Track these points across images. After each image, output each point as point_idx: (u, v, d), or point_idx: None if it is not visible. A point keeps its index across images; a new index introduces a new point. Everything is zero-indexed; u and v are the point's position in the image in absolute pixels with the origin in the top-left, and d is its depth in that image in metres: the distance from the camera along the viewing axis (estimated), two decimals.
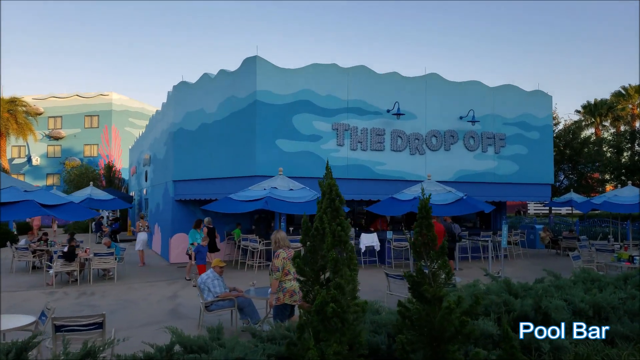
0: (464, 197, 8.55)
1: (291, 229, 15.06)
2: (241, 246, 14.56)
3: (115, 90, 44.97)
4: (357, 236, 14.95)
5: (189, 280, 11.87)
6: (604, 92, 71.12)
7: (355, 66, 14.32)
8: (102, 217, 24.85)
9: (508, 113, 16.56)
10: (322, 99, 13.78)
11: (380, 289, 9.70)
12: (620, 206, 11.00)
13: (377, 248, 14.92)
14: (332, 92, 13.93)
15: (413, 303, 3.39)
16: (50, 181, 43.70)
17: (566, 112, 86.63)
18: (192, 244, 12.18)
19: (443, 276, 3.36)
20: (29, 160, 45.18)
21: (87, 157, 43.62)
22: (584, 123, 42.41)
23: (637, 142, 28.48)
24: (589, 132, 39.97)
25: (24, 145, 44.57)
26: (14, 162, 45.52)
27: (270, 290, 6.33)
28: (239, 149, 13.52)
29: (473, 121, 15.38)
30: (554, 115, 32.81)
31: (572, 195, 17.33)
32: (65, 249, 12.11)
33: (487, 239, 14.12)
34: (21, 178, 45.02)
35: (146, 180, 22.02)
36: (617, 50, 79.19)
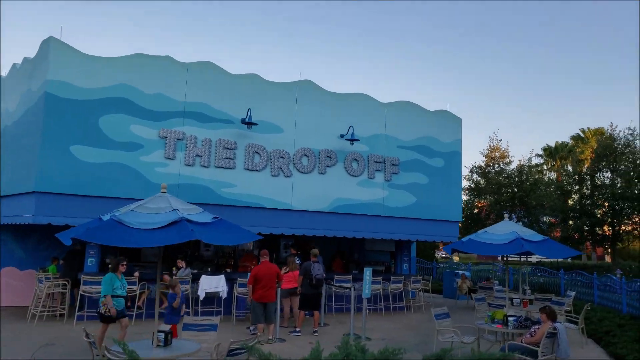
0: (193, 223, 5.41)
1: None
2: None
3: None
4: (197, 279, 11.66)
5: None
6: (564, 136, 69.82)
7: (198, 62, 11.50)
8: None
9: (404, 134, 13.78)
10: (148, 98, 10.83)
11: None
12: (484, 246, 7.97)
13: (224, 295, 11.57)
14: (164, 91, 11.01)
15: None
16: None
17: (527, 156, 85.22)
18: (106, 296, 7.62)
19: None
20: None
21: None
22: (544, 167, 40.44)
23: (585, 185, 26.03)
24: (551, 176, 37.90)
25: None
26: None
27: None
28: (24, 157, 10.38)
29: (352, 139, 12.51)
30: (505, 153, 30.50)
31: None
32: None
33: (348, 284, 10.92)
34: None
35: None
36: (577, 91, 78.81)
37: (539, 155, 42.77)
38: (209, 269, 12.97)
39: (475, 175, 28.55)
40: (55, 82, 9.95)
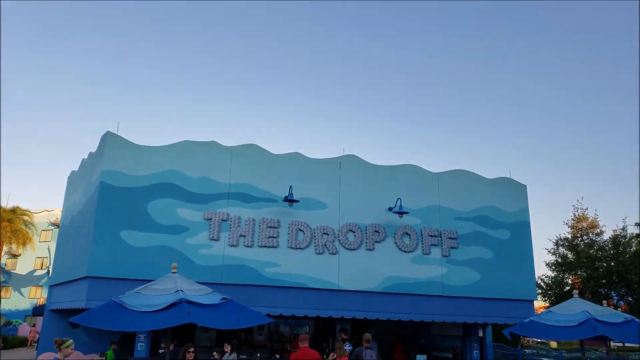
0: (194, 304, 5.07)
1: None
2: None
3: None
4: None
5: None
6: None
7: (242, 145, 11.88)
8: None
9: (461, 205, 12.80)
10: (193, 182, 11.22)
11: None
12: (549, 329, 6.57)
13: None
14: (209, 175, 11.38)
15: None
16: None
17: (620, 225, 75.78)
18: None
19: None
20: (48, 272, 45.57)
21: None
22: None
23: None
24: None
25: (47, 257, 45.37)
26: (35, 273, 46.06)
27: None
28: (80, 244, 10.98)
29: (400, 212, 11.81)
30: (594, 223, 27.39)
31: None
32: None
33: None
34: (38, 290, 45.05)
35: None
36: None
37: (638, 224, 37.79)
38: (259, 354, 12.31)
39: (561, 249, 25.69)
40: (109, 172, 10.71)
